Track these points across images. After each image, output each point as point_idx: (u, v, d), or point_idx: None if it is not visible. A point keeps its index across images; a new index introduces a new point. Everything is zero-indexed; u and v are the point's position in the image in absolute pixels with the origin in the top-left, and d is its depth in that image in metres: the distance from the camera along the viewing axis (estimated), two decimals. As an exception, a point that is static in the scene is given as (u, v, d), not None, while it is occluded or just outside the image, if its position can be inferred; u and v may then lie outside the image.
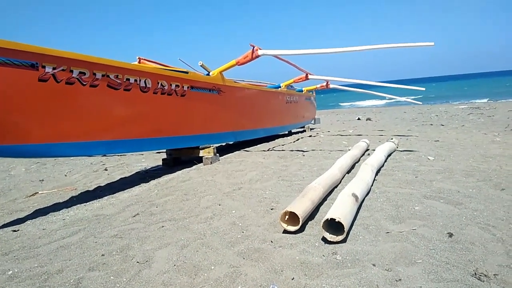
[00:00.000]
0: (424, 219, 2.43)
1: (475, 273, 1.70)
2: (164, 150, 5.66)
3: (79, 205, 3.54)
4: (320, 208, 2.78)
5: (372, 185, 3.25)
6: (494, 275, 1.69)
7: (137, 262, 2.08)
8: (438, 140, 6.26)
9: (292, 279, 1.76)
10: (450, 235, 2.16)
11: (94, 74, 3.59)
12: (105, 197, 3.75)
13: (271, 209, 2.88)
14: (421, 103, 13.18)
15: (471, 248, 1.97)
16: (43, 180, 5.24)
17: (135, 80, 4.02)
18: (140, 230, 2.61)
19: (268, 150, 6.13)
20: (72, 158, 7.22)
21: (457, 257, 1.88)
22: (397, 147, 5.31)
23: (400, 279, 1.69)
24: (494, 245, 2.01)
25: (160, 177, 4.53)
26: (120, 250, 2.28)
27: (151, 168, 5.45)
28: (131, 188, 4.07)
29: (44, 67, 3.17)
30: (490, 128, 7.99)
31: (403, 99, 11.85)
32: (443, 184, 3.25)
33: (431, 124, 9.95)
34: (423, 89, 9.29)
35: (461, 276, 1.68)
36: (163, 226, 2.65)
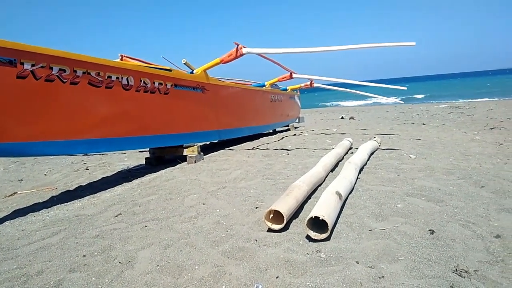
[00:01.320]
0: (406, 217, 2.46)
1: (456, 269, 1.73)
2: (147, 149, 5.60)
3: (59, 205, 3.46)
4: (305, 206, 2.79)
5: (355, 183, 3.28)
6: (474, 271, 1.72)
7: (120, 262, 2.05)
8: (419, 139, 6.36)
9: (277, 278, 1.76)
10: (432, 232, 2.19)
11: (75, 71, 3.52)
12: (86, 197, 3.69)
13: (256, 207, 2.87)
14: (403, 102, 13.39)
15: (452, 245, 2.01)
16: (22, 180, 5.12)
17: (117, 78, 3.96)
18: (123, 230, 2.57)
19: (252, 149, 6.13)
20: (52, 157, 7.07)
21: (438, 253, 1.92)
22: (379, 145, 5.37)
23: (383, 276, 1.71)
24: (474, 241, 2.05)
25: (143, 176, 4.47)
26: (102, 250, 2.24)
27: (134, 167, 5.38)
28: (113, 188, 4.00)
29: (22, 63, 3.09)
30: (470, 127, 8.18)
31: (390, 99, 11.98)
32: (424, 182, 3.31)
33: (413, 123, 10.13)
34: (405, 88, 9.44)
35: (443, 272, 1.71)
36: (146, 226, 2.61)
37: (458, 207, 2.62)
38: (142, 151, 6.72)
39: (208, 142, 7.46)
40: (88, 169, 5.47)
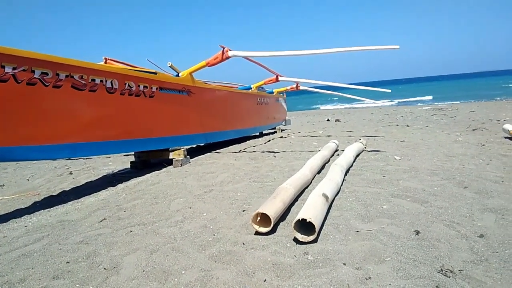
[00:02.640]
0: (392, 218, 2.49)
1: (442, 269, 1.75)
2: (133, 153, 5.54)
3: (42, 210, 3.39)
4: (292, 208, 2.79)
5: (341, 185, 3.30)
6: (459, 270, 1.74)
7: (104, 268, 2.01)
8: (404, 140, 6.45)
9: (264, 281, 1.75)
10: (417, 232, 2.22)
11: (57, 74, 3.46)
12: (70, 202, 3.62)
13: (243, 210, 2.86)
14: (388, 104, 13.55)
15: (437, 245, 2.03)
16: (3, 185, 5.00)
17: (101, 81, 3.91)
18: (107, 236, 2.52)
19: (239, 152, 6.12)
20: (34, 162, 6.93)
21: (424, 254, 1.94)
22: (365, 147, 5.43)
23: (370, 277, 1.72)
24: (459, 241, 2.08)
25: (128, 180, 4.42)
26: (86, 256, 2.20)
27: (119, 171, 5.31)
28: (98, 192, 3.94)
29: (3, 67, 3.02)
30: (453, 129, 8.32)
31: (379, 102, 12.12)
32: (409, 183, 3.35)
33: (397, 125, 10.25)
34: (389, 90, 9.58)
35: (428, 272, 1.73)
36: (131, 231, 2.58)
37: (442, 207, 2.65)
38: (127, 155, 6.64)
39: (194, 145, 7.43)
40: (71, 173, 5.38)
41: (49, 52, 3.42)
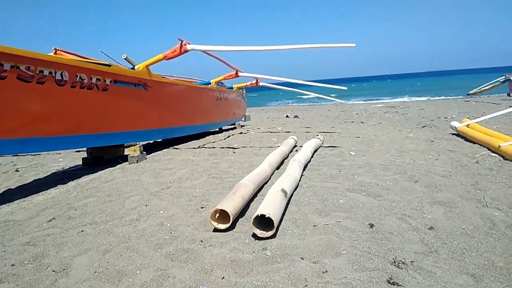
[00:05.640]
0: (347, 212, 2.55)
1: (394, 261, 1.82)
2: (85, 149, 5.29)
3: (-16, 211, 3.16)
4: (251, 204, 2.79)
5: (300, 180, 3.35)
6: (411, 262, 1.82)
7: (53, 270, 1.91)
8: (359, 137, 6.65)
9: (222, 278, 1.73)
10: (371, 225, 2.29)
11: (1, 65, 3.22)
12: (16, 201, 3.40)
13: (201, 207, 2.82)
14: (343, 101, 13.90)
15: (390, 238, 2.11)
16: None
17: (50, 73, 3.69)
18: (57, 236, 2.39)
19: (198, 148, 6.03)
20: (-24, 158, 6.45)
21: (378, 246, 2.00)
22: (322, 143, 5.54)
23: (326, 271, 1.75)
24: (410, 233, 2.17)
25: (79, 177, 4.22)
26: (33, 258, 2.07)
27: (70, 168, 5.06)
28: (47, 190, 3.73)
29: None
30: (404, 125, 8.69)
31: (337, 100, 12.38)
32: (364, 178, 3.45)
33: (353, 122, 10.56)
34: (345, 88, 9.83)
35: (382, 264, 1.79)
36: (82, 231, 2.46)
37: (395, 201, 2.76)
38: (79, 151, 6.35)
39: (151, 141, 7.23)
40: (18, 170, 5.06)
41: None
